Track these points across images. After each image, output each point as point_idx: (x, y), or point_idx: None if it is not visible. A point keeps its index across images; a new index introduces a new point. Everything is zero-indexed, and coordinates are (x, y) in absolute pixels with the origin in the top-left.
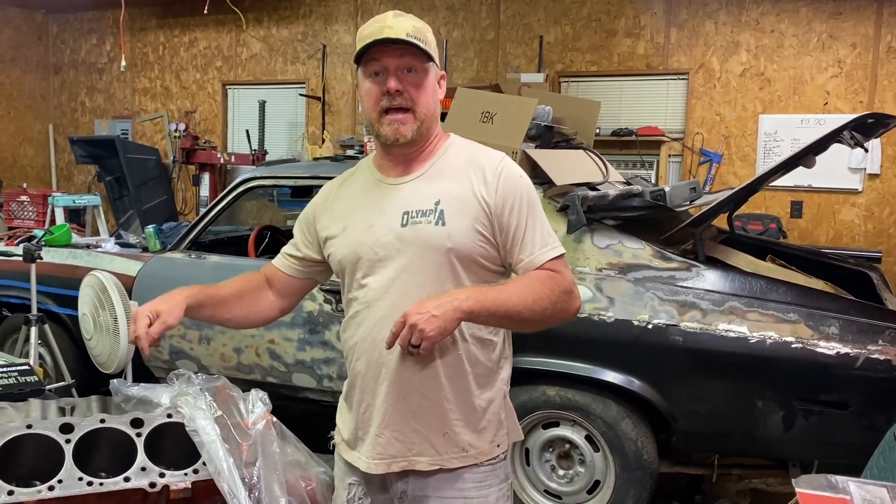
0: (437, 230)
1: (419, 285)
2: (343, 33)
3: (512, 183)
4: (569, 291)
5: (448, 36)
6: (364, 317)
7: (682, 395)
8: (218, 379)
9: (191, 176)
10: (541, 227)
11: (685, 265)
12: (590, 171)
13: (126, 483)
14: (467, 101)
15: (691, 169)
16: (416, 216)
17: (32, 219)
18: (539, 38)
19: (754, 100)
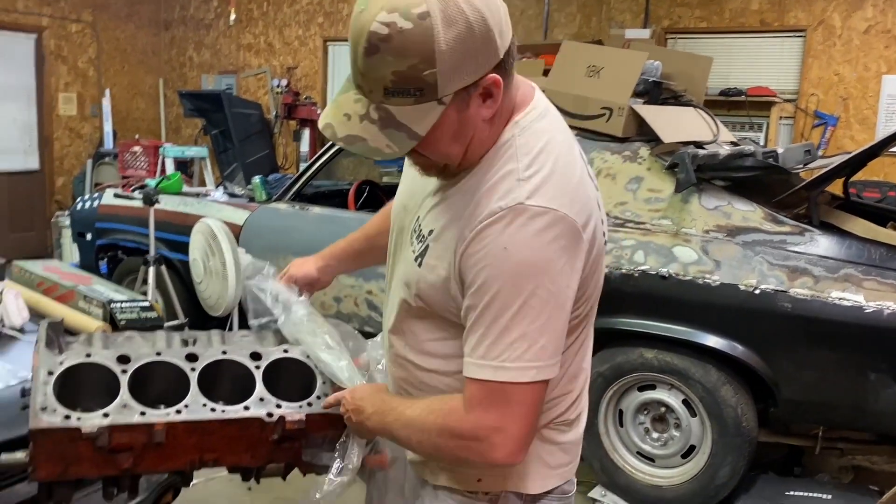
0: (412, 270)
1: (391, 304)
2: None
3: (485, 254)
4: (458, 433)
5: None
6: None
7: (787, 363)
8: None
9: (291, 131)
10: (490, 329)
11: (798, 229)
12: (699, 130)
13: (245, 412)
14: (573, 55)
15: (804, 132)
16: (415, 234)
17: (144, 169)
18: None
19: (878, 59)
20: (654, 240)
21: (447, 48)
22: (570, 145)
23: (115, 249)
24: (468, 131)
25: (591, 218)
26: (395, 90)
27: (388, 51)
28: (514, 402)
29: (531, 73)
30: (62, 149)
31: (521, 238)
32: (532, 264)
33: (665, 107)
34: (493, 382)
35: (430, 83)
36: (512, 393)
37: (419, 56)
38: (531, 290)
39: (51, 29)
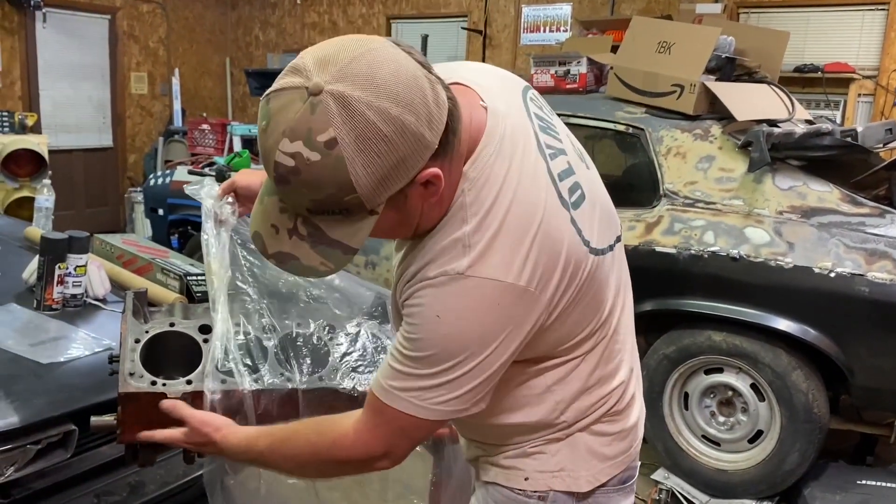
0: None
1: None
2: None
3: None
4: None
5: None
6: None
7: (863, 349)
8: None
9: None
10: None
11: (878, 211)
12: (774, 107)
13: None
14: (643, 31)
15: (884, 110)
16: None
17: (212, 146)
18: None
19: None
20: (724, 220)
21: (365, 171)
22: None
23: (186, 225)
24: (413, 219)
25: (556, 259)
26: (319, 211)
27: (300, 183)
28: (394, 423)
29: (598, 50)
30: (134, 126)
31: (456, 309)
32: (463, 337)
33: (738, 84)
34: (375, 394)
35: (354, 205)
36: (396, 417)
37: (335, 186)
38: (460, 360)
39: (124, 10)
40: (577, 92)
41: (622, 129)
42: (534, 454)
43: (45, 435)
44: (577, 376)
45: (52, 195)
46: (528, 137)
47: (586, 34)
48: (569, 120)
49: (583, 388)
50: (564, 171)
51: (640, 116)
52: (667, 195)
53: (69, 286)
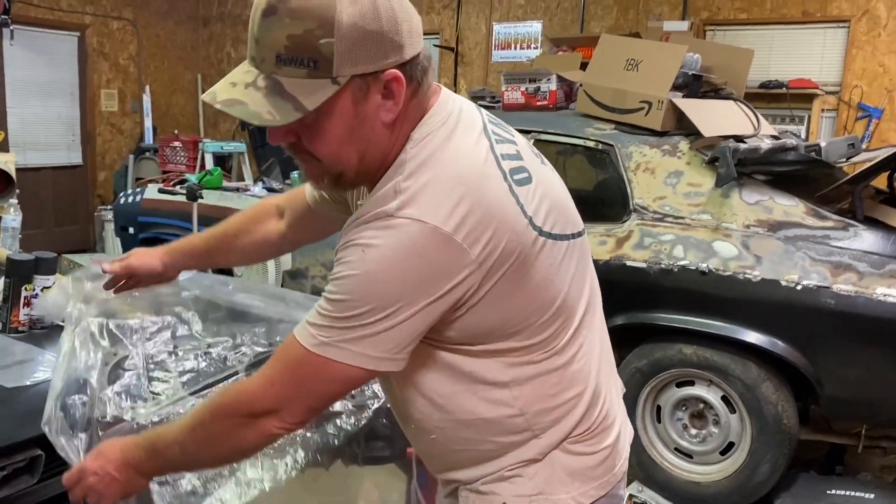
0: None
1: None
2: None
3: (346, 252)
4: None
5: None
6: None
7: (830, 360)
8: None
9: None
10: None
11: (841, 224)
12: (739, 123)
13: None
14: (611, 49)
15: (847, 125)
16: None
17: (184, 163)
18: None
19: None
20: (693, 234)
21: (348, 21)
22: (468, 144)
23: (158, 243)
24: (364, 132)
25: (488, 219)
26: (288, 58)
27: (286, 12)
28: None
29: (568, 68)
30: (104, 144)
31: (381, 247)
32: (388, 278)
33: (705, 100)
34: (293, 340)
35: (325, 55)
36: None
37: (317, 21)
38: (382, 303)
39: (93, 26)
40: (548, 109)
41: (592, 145)
42: (511, 478)
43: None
44: (535, 375)
45: (18, 215)
46: (475, 120)
47: (557, 51)
48: (539, 136)
49: (543, 391)
50: (510, 155)
51: (610, 133)
52: (636, 210)
53: (36, 308)
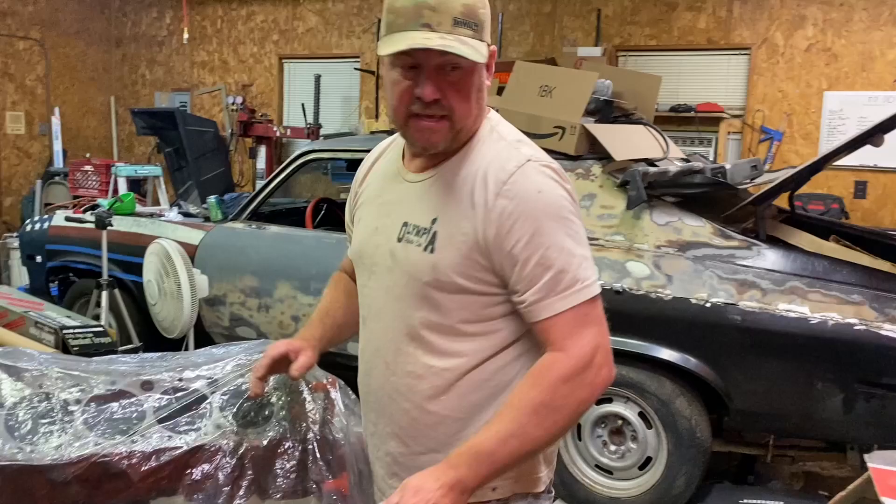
0: (423, 258)
1: (399, 316)
2: None
3: (519, 206)
4: (575, 375)
5: (504, 9)
6: (363, 331)
7: (738, 374)
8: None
9: (247, 149)
10: (554, 264)
11: (745, 244)
12: (649, 147)
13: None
14: (526, 75)
15: (751, 147)
16: (412, 233)
17: (96, 188)
18: (597, 11)
19: (819, 76)
20: (607, 255)
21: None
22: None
23: (67, 272)
24: (482, 95)
25: None
26: (462, 21)
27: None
28: (596, 318)
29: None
30: (10, 168)
31: (547, 183)
32: (562, 200)
33: (616, 125)
34: (580, 306)
35: (482, 21)
36: (592, 309)
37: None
38: (569, 219)
39: None
40: None
41: None
42: None
43: None
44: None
45: None
46: None
47: None
48: None
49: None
50: None
51: None
52: None
53: None
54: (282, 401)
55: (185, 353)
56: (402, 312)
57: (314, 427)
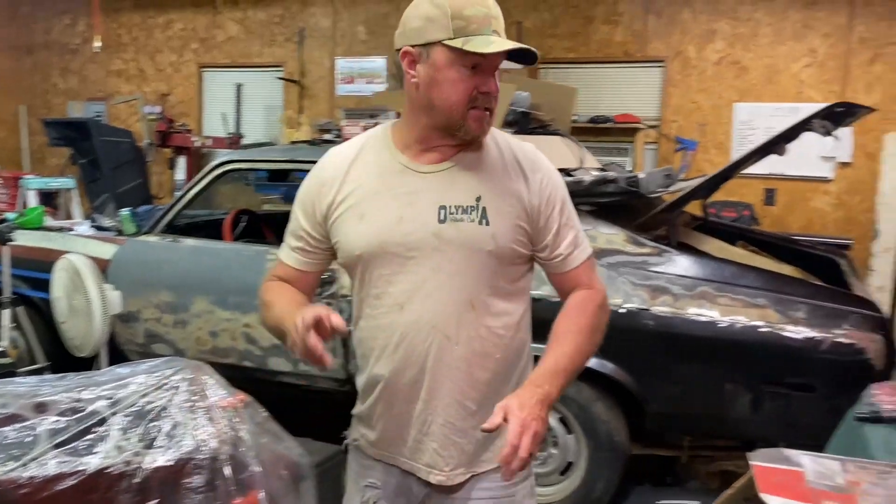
0: (482, 230)
1: (457, 289)
2: (321, 16)
3: (551, 179)
4: (604, 303)
5: None
6: (393, 319)
7: (653, 378)
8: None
9: (166, 159)
10: (575, 225)
11: (657, 250)
12: (565, 158)
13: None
14: None
15: (667, 156)
16: (456, 212)
17: (4, 202)
18: (517, 24)
19: (729, 88)
20: None
21: None
22: None
23: None
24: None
25: None
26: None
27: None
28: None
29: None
30: None
31: (551, 164)
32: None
33: (533, 136)
34: (590, 256)
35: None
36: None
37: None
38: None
39: None
40: None
41: None
42: None
43: None
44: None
45: None
46: None
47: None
48: None
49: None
50: None
51: None
52: None
53: None
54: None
55: (87, 372)
56: (462, 284)
57: (222, 446)
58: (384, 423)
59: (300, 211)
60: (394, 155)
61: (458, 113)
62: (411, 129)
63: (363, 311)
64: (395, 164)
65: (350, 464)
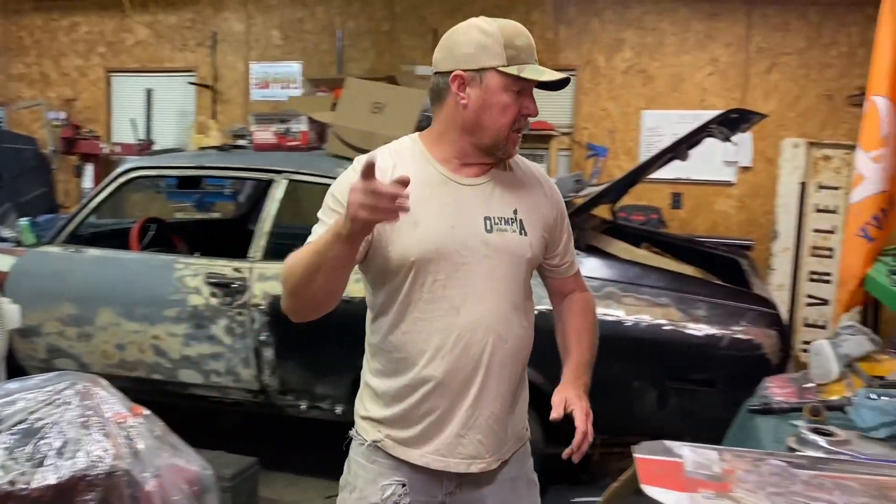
0: (522, 239)
1: (504, 292)
2: (234, 21)
3: (558, 195)
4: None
5: (343, 26)
6: (450, 322)
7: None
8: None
9: (73, 167)
10: (572, 235)
11: None
12: None
13: None
14: (357, 92)
15: (580, 162)
16: (500, 223)
17: None
18: (434, 31)
19: (637, 96)
20: None
21: None
22: None
23: None
24: None
25: None
26: None
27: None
28: None
29: (320, 109)
30: None
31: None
32: None
33: None
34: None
35: None
36: None
37: None
38: None
39: None
40: (300, 149)
41: None
42: None
43: None
44: None
45: None
46: None
47: (315, 92)
48: (292, 177)
49: None
50: None
51: None
52: None
53: None
54: (80, 435)
55: None
56: (507, 287)
57: (118, 462)
58: (427, 423)
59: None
60: (435, 167)
61: (504, 134)
62: (452, 145)
63: (409, 315)
64: (439, 175)
65: (362, 464)
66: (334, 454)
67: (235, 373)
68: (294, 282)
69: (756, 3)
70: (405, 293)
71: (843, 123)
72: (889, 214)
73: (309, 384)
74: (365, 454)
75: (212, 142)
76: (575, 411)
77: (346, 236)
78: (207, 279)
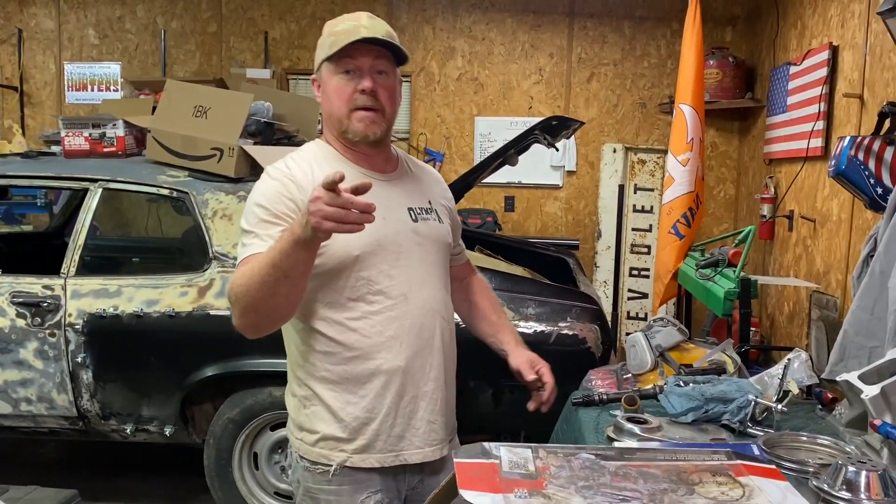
0: (442, 227)
1: (437, 276)
2: (43, 17)
3: (448, 188)
4: None
5: (166, 26)
6: (402, 310)
7: None
8: None
9: None
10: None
11: None
12: None
13: None
14: (178, 95)
15: None
16: (422, 213)
17: None
18: (264, 34)
19: (470, 103)
20: None
21: None
22: None
23: None
24: (398, 102)
25: None
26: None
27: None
28: None
29: (139, 112)
30: None
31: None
32: None
33: (278, 147)
34: None
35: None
36: None
37: None
38: None
39: None
40: (117, 155)
41: (166, 192)
42: None
43: None
44: None
45: None
46: None
47: (138, 95)
48: (109, 185)
49: None
50: None
51: (184, 180)
52: (217, 258)
53: None
54: None
55: None
56: (438, 272)
57: None
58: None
59: (272, 205)
60: (350, 165)
61: (343, 114)
62: (335, 142)
63: (357, 309)
64: (356, 172)
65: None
66: (167, 477)
67: (49, 399)
68: (251, 297)
69: (576, 16)
70: (351, 288)
71: (656, 129)
72: (696, 213)
73: (134, 406)
74: (332, 480)
75: (16, 148)
76: (542, 368)
77: (307, 243)
78: (12, 298)
